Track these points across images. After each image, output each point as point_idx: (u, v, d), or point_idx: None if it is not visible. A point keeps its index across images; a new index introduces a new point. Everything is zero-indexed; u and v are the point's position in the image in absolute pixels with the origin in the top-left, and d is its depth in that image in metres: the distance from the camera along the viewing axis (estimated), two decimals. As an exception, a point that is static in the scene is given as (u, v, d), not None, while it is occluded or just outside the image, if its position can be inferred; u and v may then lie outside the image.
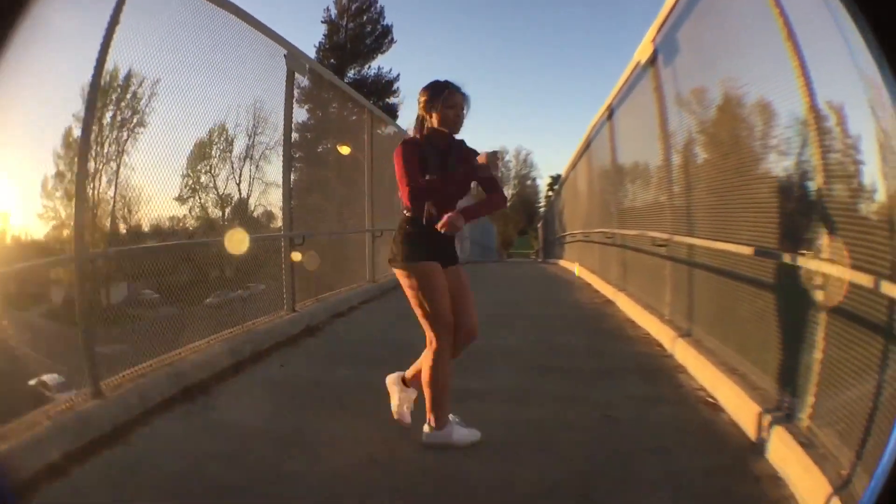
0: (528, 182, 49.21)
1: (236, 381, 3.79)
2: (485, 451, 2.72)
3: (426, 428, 2.72)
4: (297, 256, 5.94)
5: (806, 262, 2.47)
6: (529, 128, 75.12)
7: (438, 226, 2.62)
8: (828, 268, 2.30)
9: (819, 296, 2.42)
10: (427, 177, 2.66)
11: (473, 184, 2.81)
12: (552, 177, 28.01)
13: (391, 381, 2.98)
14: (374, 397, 3.39)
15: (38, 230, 3.73)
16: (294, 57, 5.57)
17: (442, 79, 2.75)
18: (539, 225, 29.03)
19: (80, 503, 2.20)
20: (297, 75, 5.65)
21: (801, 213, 2.78)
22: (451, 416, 2.76)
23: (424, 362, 2.70)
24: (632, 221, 6.43)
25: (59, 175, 3.58)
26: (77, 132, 3.26)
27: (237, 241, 4.81)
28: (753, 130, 3.24)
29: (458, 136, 2.79)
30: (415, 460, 2.62)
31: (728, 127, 3.53)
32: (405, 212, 2.72)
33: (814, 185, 2.63)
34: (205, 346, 3.99)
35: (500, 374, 3.93)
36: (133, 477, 2.43)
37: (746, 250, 3.03)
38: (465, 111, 2.71)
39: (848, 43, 1.90)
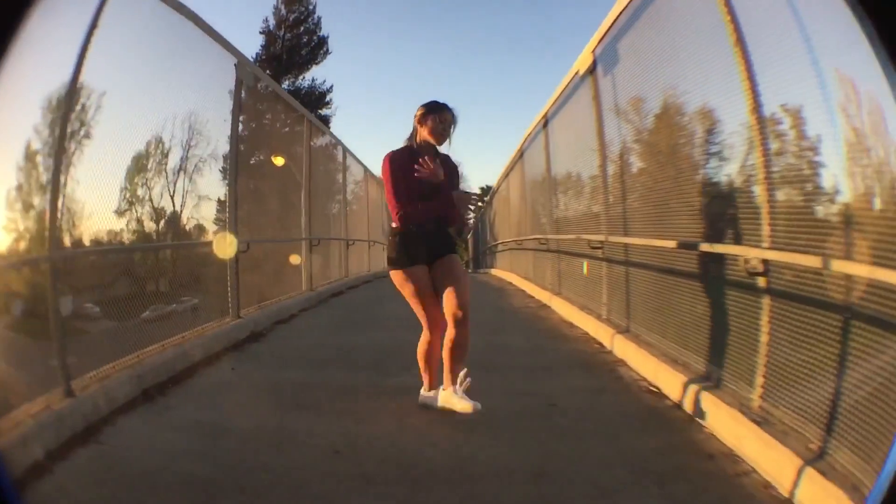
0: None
1: (192, 383, 3.76)
2: (441, 438, 2.76)
3: (422, 389, 3.18)
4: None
5: (726, 249, 2.67)
6: (460, 138, 75.70)
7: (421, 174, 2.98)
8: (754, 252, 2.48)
9: (758, 282, 2.60)
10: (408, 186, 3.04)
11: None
12: (482, 188, 28.38)
13: (443, 398, 3.04)
14: (327, 395, 3.48)
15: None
16: (242, 66, 5.50)
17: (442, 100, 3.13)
18: (469, 236, 29.33)
19: (70, 502, 2.24)
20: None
21: (728, 210, 3.00)
22: (455, 387, 2.97)
23: (420, 341, 3.14)
24: (567, 227, 6.64)
25: (19, 187, 3.43)
26: (35, 145, 3.29)
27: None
28: (689, 135, 3.46)
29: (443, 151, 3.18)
30: (376, 450, 2.65)
31: (664, 133, 3.75)
32: (392, 224, 3.11)
33: (743, 185, 2.85)
34: (158, 350, 3.93)
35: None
36: (110, 473, 2.43)
37: (673, 244, 3.24)
38: (452, 129, 3.12)
39: (809, 42, 2.08)
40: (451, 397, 2.94)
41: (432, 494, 2.22)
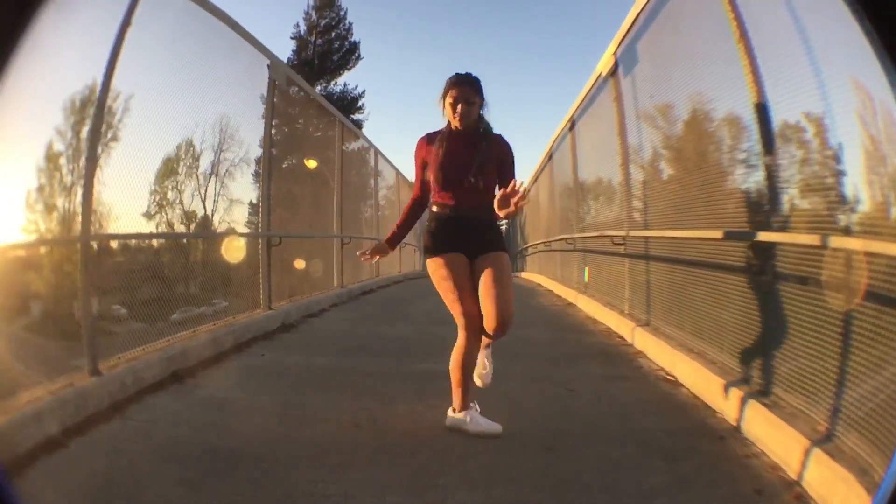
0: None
1: (221, 367, 3.94)
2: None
3: (449, 410, 2.77)
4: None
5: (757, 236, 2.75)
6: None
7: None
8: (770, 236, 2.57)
9: (770, 271, 2.69)
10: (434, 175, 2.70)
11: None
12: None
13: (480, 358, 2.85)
14: (351, 378, 3.63)
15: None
16: (275, 66, 5.74)
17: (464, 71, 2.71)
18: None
19: (79, 471, 2.26)
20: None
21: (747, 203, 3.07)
22: (473, 404, 2.76)
23: (455, 347, 2.72)
24: (592, 225, 6.73)
25: (41, 189, 3.64)
26: (58, 146, 3.45)
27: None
28: (704, 132, 3.55)
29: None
30: (397, 425, 2.79)
31: (681, 129, 3.84)
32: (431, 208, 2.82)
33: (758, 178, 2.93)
34: (189, 336, 4.14)
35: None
36: (134, 444, 2.54)
37: (693, 234, 3.32)
38: (468, 103, 2.64)
39: (811, 53, 2.16)
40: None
41: (445, 464, 2.35)
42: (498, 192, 2.54)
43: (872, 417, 1.96)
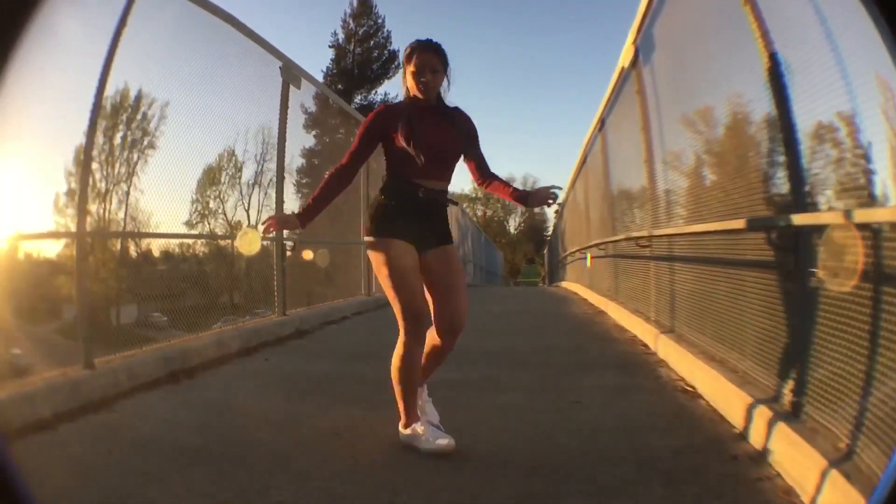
0: (537, 211, 48.89)
1: (221, 369, 3.94)
2: (446, 429, 2.63)
3: (399, 425, 2.49)
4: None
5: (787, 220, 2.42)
6: (534, 154, 75.34)
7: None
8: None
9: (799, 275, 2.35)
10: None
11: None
12: (559, 203, 27.98)
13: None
14: (348, 385, 3.54)
15: (50, 248, 3.97)
16: (288, 69, 5.67)
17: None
18: (545, 251, 28.93)
19: (62, 452, 2.41)
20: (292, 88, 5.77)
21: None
22: (427, 419, 2.48)
23: (394, 352, 2.41)
24: (622, 228, 6.39)
25: (71, 193, 3.68)
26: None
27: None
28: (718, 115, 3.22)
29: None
30: (377, 435, 2.60)
31: (695, 115, 3.52)
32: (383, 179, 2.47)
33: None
34: (193, 338, 4.17)
35: (475, 367, 3.85)
36: (111, 436, 2.62)
37: (715, 226, 2.99)
38: (433, 72, 2.37)
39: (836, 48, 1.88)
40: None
41: (411, 482, 2.13)
42: (471, 169, 2.55)
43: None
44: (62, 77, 3.47)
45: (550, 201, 2.51)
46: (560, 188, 2.51)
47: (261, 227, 2.41)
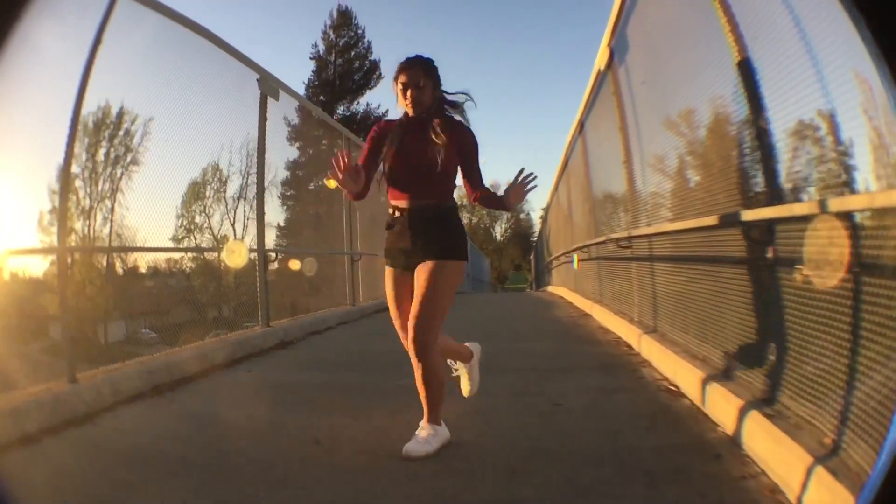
0: (523, 216, 48.68)
1: (204, 382, 3.89)
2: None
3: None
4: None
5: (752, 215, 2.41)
6: (520, 159, 75.39)
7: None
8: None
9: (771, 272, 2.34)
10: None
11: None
12: (543, 208, 28.10)
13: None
14: (330, 394, 3.51)
15: (36, 266, 3.97)
16: (265, 81, 5.62)
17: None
18: (531, 256, 28.99)
19: (46, 465, 2.44)
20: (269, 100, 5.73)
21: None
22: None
23: None
24: (604, 229, 6.38)
25: (55, 210, 3.64)
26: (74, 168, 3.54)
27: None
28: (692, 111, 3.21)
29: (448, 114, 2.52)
30: (358, 442, 2.58)
31: (672, 114, 3.51)
32: None
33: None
34: (176, 352, 4.13)
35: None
36: (95, 448, 2.65)
37: (690, 224, 2.97)
38: (417, 87, 2.40)
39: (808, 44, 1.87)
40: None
41: (390, 486, 2.09)
42: (463, 184, 2.53)
43: (883, 425, 1.60)
44: (44, 93, 3.42)
45: (529, 185, 2.45)
46: (534, 175, 2.44)
47: (329, 173, 2.30)
